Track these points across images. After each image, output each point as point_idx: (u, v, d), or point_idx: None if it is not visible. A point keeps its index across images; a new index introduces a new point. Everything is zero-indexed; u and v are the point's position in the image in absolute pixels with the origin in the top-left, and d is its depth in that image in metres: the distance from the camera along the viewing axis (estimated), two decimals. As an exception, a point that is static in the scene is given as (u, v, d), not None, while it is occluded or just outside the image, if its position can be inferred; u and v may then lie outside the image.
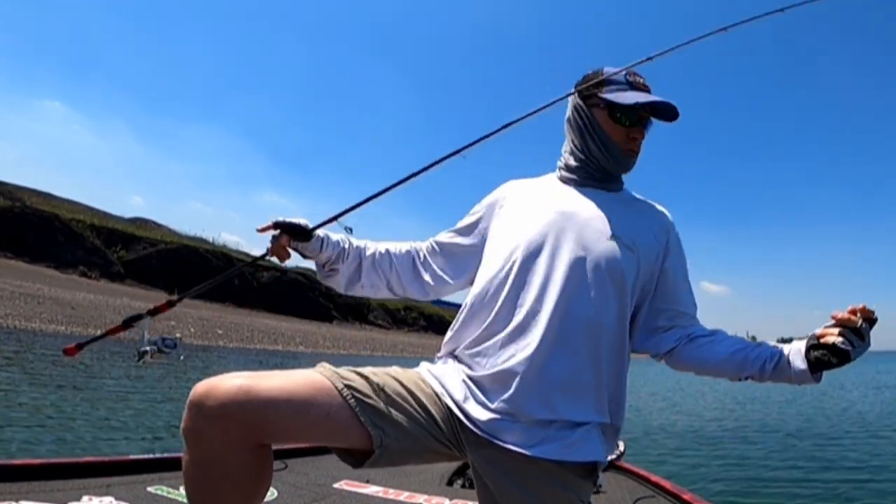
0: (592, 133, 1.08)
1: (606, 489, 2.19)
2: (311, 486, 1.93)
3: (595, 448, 0.94)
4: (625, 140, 1.07)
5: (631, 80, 1.08)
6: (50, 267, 28.08)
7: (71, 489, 1.57)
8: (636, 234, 1.03)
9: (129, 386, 7.30)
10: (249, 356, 15.63)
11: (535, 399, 0.92)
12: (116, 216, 39.22)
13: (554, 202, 1.06)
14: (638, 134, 1.07)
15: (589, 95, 1.09)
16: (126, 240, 33.59)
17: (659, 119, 1.09)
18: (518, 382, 0.92)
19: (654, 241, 1.06)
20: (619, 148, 1.07)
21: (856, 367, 17.00)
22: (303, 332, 27.84)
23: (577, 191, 1.09)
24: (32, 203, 31.22)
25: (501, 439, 0.91)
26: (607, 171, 1.09)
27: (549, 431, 0.92)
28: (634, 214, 1.08)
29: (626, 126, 1.06)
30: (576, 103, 1.11)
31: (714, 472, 5.61)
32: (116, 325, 1.10)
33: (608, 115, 1.07)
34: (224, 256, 37.62)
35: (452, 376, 0.99)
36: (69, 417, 5.02)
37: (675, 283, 1.08)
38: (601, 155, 1.08)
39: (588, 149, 1.09)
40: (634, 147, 1.08)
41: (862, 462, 6.20)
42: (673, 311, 1.06)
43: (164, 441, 4.70)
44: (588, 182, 1.10)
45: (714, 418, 10.19)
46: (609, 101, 1.06)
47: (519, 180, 1.18)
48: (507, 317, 0.97)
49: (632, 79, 1.08)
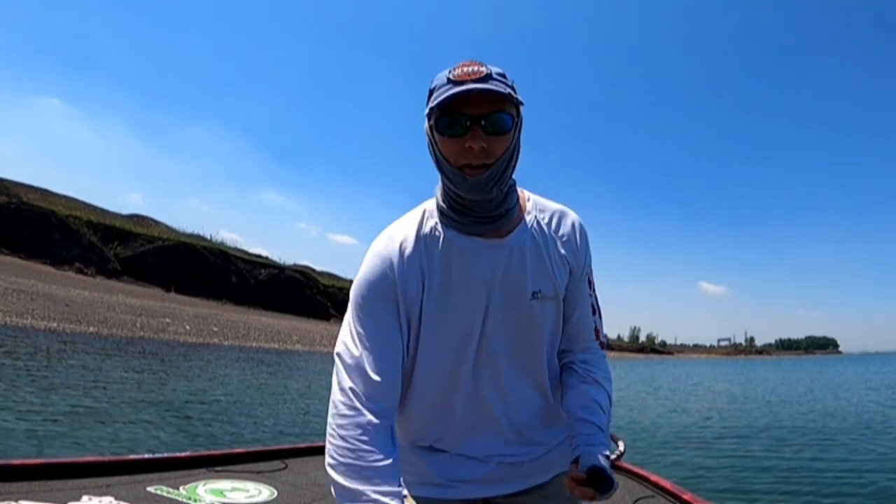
0: (437, 164, 0.85)
1: None
2: (311, 486, 1.91)
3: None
4: (458, 154, 0.80)
5: (455, 75, 0.80)
6: (46, 263, 27.95)
7: (71, 489, 1.55)
8: (545, 279, 0.90)
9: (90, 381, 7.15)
10: (245, 354, 15.48)
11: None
12: (114, 213, 39.05)
13: (447, 274, 0.88)
14: (472, 141, 0.79)
15: (429, 114, 0.83)
16: (123, 237, 33.44)
17: (492, 113, 0.80)
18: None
19: (563, 271, 0.93)
20: (454, 168, 0.82)
21: (855, 368, 17.43)
22: (300, 329, 27.70)
23: (470, 245, 0.87)
24: (29, 199, 31.07)
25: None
26: (475, 208, 0.85)
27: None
28: (544, 250, 0.91)
29: (453, 136, 0.80)
30: (425, 129, 0.86)
31: (714, 471, 5.59)
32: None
33: (435, 131, 0.82)
34: (222, 254, 37.50)
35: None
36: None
37: (578, 310, 0.97)
38: (451, 189, 0.85)
39: (446, 185, 0.86)
40: (472, 160, 0.80)
41: (859, 461, 6.20)
42: (570, 336, 0.98)
43: (164, 442, 4.63)
44: (476, 229, 0.87)
45: (713, 418, 10.16)
46: (428, 113, 0.82)
47: (392, 239, 0.89)
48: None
49: (457, 72, 0.80)
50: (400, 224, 0.92)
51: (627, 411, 10.89)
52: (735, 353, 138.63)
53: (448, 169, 0.83)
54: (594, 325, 0.98)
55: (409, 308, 0.87)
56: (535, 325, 0.91)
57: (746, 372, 35.82)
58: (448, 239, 0.88)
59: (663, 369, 38.45)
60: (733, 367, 49.87)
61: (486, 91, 0.78)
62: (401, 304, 0.86)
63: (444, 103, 0.79)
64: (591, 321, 0.98)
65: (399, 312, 0.86)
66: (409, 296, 0.86)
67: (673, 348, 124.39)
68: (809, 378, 26.45)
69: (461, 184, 0.82)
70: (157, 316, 19.19)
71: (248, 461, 2.09)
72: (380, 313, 0.86)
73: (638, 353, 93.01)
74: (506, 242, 0.88)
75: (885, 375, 28.36)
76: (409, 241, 0.88)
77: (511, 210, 0.89)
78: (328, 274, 52.67)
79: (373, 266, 0.87)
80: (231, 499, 1.67)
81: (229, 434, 5.34)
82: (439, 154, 0.83)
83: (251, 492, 1.76)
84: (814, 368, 42.85)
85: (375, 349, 0.84)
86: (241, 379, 10.03)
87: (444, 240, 0.88)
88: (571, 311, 0.96)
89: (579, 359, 0.97)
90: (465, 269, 0.87)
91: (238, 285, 36.38)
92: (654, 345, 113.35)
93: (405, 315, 0.87)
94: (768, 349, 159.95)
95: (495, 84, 0.79)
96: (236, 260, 38.32)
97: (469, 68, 0.80)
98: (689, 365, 51.75)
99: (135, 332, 15.10)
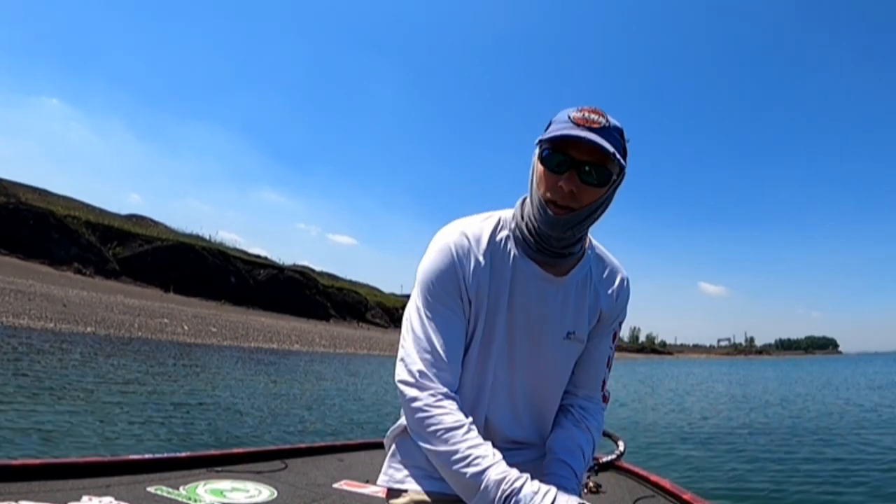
0: (530, 188, 0.92)
1: (606, 489, 2.13)
2: (311, 486, 1.91)
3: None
4: (549, 188, 0.86)
5: (574, 117, 0.84)
6: (44, 264, 27.91)
7: (70, 489, 1.54)
8: (582, 322, 0.97)
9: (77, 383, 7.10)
10: (243, 354, 15.43)
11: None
12: (112, 213, 39.01)
13: (507, 291, 0.94)
14: (566, 183, 0.84)
15: (540, 143, 0.88)
16: (122, 237, 33.41)
17: (593, 163, 0.84)
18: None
19: (599, 322, 1.00)
20: (541, 198, 0.87)
21: (854, 368, 17.41)
22: (299, 330, 27.66)
23: (530, 271, 0.94)
24: (27, 199, 31.01)
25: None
26: (545, 240, 0.90)
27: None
28: (588, 297, 0.98)
29: (552, 171, 0.85)
30: (534, 154, 0.91)
31: (714, 471, 5.58)
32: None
33: (539, 160, 0.88)
34: (221, 254, 37.46)
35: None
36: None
37: (594, 358, 1.03)
38: (532, 216, 0.90)
39: (529, 210, 0.92)
40: (558, 198, 0.85)
41: (858, 460, 6.19)
42: (578, 380, 1.03)
43: (163, 440, 4.60)
44: (538, 257, 0.93)
45: (713, 418, 10.15)
46: (539, 142, 0.87)
47: (465, 235, 0.94)
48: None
49: (576, 115, 0.84)
50: (474, 222, 0.96)
51: (627, 411, 10.87)
52: (735, 354, 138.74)
53: (536, 197, 0.88)
54: (604, 376, 1.03)
55: (467, 305, 0.93)
56: (561, 360, 0.98)
57: (746, 372, 35.76)
58: (515, 256, 0.94)
59: (663, 369, 38.45)
60: (733, 367, 49.82)
61: (594, 143, 0.82)
62: (463, 299, 0.92)
63: (555, 139, 0.84)
64: (602, 372, 1.03)
65: (462, 304, 0.92)
66: (471, 294, 0.92)
67: (673, 348, 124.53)
68: (809, 378, 26.45)
69: (542, 216, 0.88)
70: (155, 316, 19.13)
71: (247, 461, 2.08)
72: (447, 301, 0.92)
73: (638, 353, 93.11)
74: (561, 281, 0.95)
75: (884, 375, 28.34)
76: (482, 243, 0.93)
77: (575, 254, 0.95)
78: (327, 274, 52.69)
79: (443, 256, 0.92)
80: (231, 499, 1.67)
81: (218, 434, 5.28)
82: (535, 180, 0.89)
83: (251, 492, 1.75)
84: (813, 368, 42.83)
85: (443, 333, 0.90)
86: (239, 379, 9.97)
87: (513, 256, 0.94)
88: (589, 357, 1.01)
89: (579, 404, 1.01)
90: (524, 294, 0.93)
91: (237, 286, 36.34)
92: (654, 345, 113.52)
93: (465, 309, 0.93)
94: (768, 349, 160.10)
95: (608, 139, 0.83)
96: (235, 260, 38.28)
97: (591, 115, 0.84)
98: (688, 365, 51.72)
99: (132, 332, 15.04)
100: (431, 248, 0.94)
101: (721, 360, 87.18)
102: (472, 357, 0.94)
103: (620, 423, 8.74)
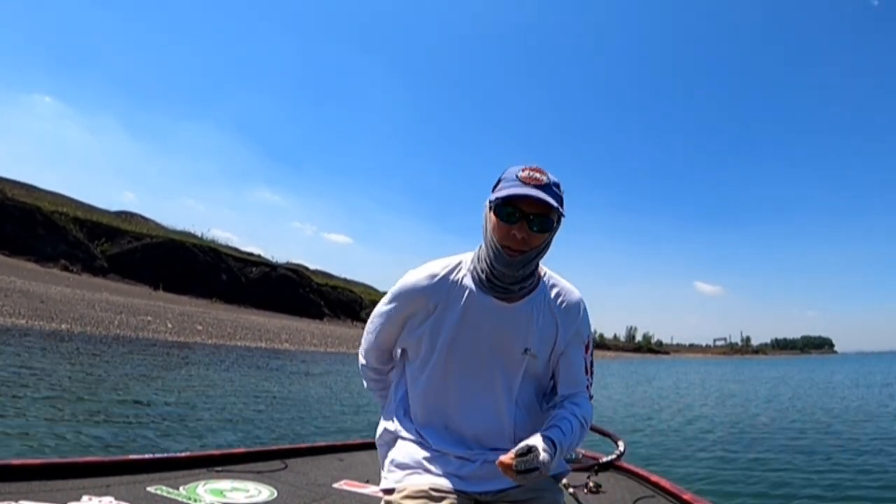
0: (484, 235, 1.11)
1: (606, 489, 2.15)
2: (311, 486, 1.93)
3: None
4: (503, 236, 1.06)
5: (521, 176, 1.05)
6: (30, 260, 27.33)
7: (70, 489, 1.56)
8: (536, 340, 1.14)
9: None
10: (229, 353, 14.93)
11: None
12: (101, 209, 38.37)
13: (469, 322, 1.14)
14: (518, 231, 1.05)
15: (493, 200, 1.08)
16: (110, 233, 32.80)
17: (538, 214, 1.05)
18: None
19: (556, 338, 1.15)
20: (497, 244, 1.06)
21: (853, 369, 17.54)
22: (289, 328, 27.18)
23: (485, 302, 1.13)
24: (13, 195, 30.38)
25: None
26: (500, 278, 1.09)
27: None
28: (540, 318, 1.14)
29: (505, 222, 1.05)
30: (485, 207, 1.12)
31: (714, 471, 5.53)
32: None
33: (493, 214, 1.07)
34: (212, 251, 36.86)
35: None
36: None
37: (571, 365, 1.18)
38: (488, 257, 1.09)
39: (485, 253, 1.11)
40: (512, 244, 1.06)
41: (858, 458, 6.20)
42: (561, 385, 1.19)
43: (162, 440, 4.48)
44: (493, 292, 1.12)
45: (712, 417, 10.03)
46: (491, 200, 1.07)
47: (428, 270, 1.17)
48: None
49: (523, 174, 1.06)
50: (438, 263, 1.18)
51: (626, 411, 10.74)
52: (731, 353, 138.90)
53: (493, 244, 1.08)
54: (586, 382, 1.19)
55: (417, 321, 1.16)
56: (517, 373, 1.15)
57: (743, 371, 35.98)
58: (471, 291, 1.13)
59: (660, 369, 38.39)
60: (729, 366, 49.84)
61: (539, 199, 1.03)
62: (412, 315, 1.17)
63: (506, 197, 1.04)
64: (583, 379, 1.18)
65: (406, 319, 1.18)
66: (421, 315, 1.16)
67: (669, 348, 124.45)
68: (804, 377, 26.71)
69: (499, 258, 1.07)
70: (138, 314, 18.60)
71: (247, 461, 2.10)
72: (394, 311, 1.19)
73: (634, 353, 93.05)
74: (513, 307, 1.13)
75: (880, 375, 28.59)
76: (439, 277, 1.15)
77: (526, 287, 1.13)
78: (322, 272, 52.15)
79: (405, 283, 1.17)
80: (231, 499, 1.68)
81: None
82: (490, 230, 1.08)
83: (251, 492, 1.77)
84: (809, 368, 43.01)
85: (382, 329, 1.22)
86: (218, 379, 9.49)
87: (468, 291, 1.13)
88: (567, 366, 1.17)
89: (564, 397, 1.17)
90: (476, 317, 1.12)
91: (228, 283, 35.77)
92: (650, 344, 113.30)
93: (412, 324, 1.17)
94: (764, 349, 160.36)
95: (549, 195, 1.04)
96: (227, 258, 37.71)
97: (535, 174, 1.05)
98: (685, 365, 51.83)
99: (111, 329, 14.51)
100: (401, 278, 1.19)
101: (717, 360, 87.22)
102: (435, 371, 1.14)
103: (620, 423, 8.65)
